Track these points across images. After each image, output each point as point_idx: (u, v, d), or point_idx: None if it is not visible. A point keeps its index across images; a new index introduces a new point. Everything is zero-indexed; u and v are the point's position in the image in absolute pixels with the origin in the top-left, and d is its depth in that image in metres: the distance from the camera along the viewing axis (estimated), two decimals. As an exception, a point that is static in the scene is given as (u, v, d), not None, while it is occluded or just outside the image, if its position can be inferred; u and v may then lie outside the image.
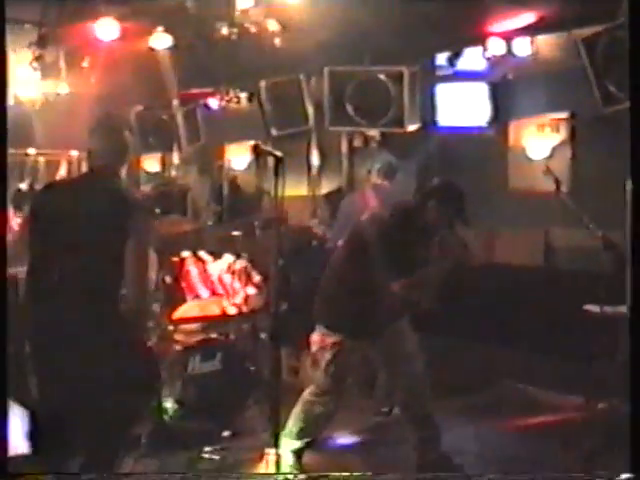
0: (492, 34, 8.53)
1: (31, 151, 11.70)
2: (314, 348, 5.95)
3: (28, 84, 9.56)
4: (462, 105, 9.58)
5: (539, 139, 9.27)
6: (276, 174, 4.63)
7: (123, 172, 5.04)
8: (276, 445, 5.09)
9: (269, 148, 4.80)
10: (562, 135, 9.10)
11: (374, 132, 9.85)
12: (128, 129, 5.38)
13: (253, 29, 7.71)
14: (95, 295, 4.71)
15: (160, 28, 8.22)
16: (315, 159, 10.72)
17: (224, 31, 7.76)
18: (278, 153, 4.66)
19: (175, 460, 6.26)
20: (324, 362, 5.85)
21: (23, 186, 11.12)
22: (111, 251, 4.70)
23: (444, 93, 9.57)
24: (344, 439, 6.82)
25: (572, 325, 7.43)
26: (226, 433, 6.66)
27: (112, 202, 4.81)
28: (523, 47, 8.65)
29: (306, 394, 5.99)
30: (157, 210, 7.53)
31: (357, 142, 10.52)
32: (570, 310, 7.26)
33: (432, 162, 9.37)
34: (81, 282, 4.71)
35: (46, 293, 4.80)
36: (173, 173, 12.28)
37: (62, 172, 12.15)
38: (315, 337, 5.95)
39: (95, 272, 4.70)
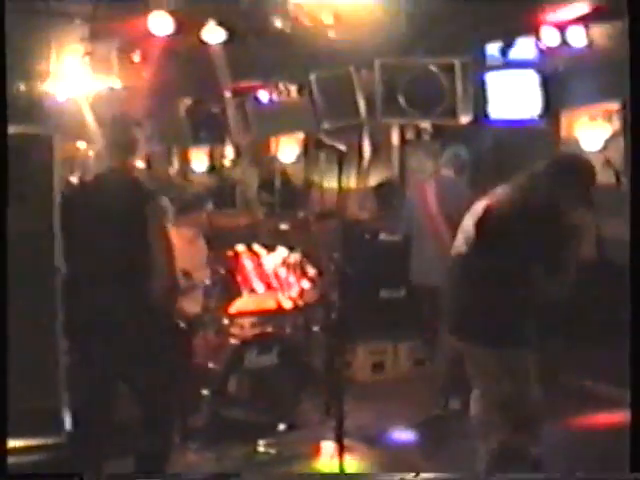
0: (546, 24, 8.44)
1: (81, 145, 11.75)
2: None
3: (79, 79, 9.61)
4: (513, 96, 9.48)
5: (592, 130, 9.16)
6: (340, 167, 4.62)
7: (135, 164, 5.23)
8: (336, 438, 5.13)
9: (331, 141, 4.77)
10: (615, 126, 8.98)
11: (426, 124, 9.79)
12: (137, 125, 5.52)
13: (307, 22, 7.69)
14: (125, 282, 4.82)
15: (213, 22, 8.21)
16: (366, 152, 10.68)
17: (278, 24, 7.75)
18: (341, 147, 4.66)
19: (231, 453, 6.31)
20: None
21: (73, 179, 11.18)
22: (135, 238, 4.82)
23: (495, 83, 9.47)
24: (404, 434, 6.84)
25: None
26: (282, 426, 6.68)
27: (129, 192, 5.02)
28: (577, 37, 8.54)
29: None
30: (209, 204, 7.57)
31: (409, 134, 10.48)
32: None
33: (485, 155, 9.28)
34: (113, 271, 4.87)
35: (81, 283, 4.89)
36: (223, 166, 12.32)
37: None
38: None
39: (124, 259, 4.82)
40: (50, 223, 3.34)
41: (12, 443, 3.06)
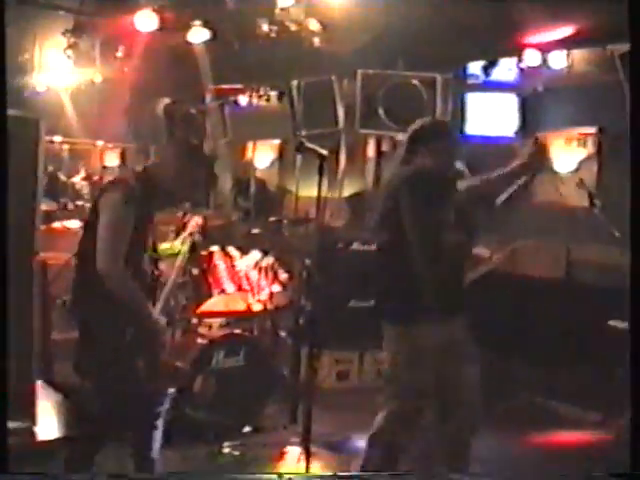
0: (528, 45, 8.52)
1: (57, 139, 11.71)
2: None
3: (60, 71, 9.58)
4: (491, 115, 9.56)
5: (566, 152, 9.25)
6: (320, 173, 4.61)
7: None
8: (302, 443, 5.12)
9: (314, 146, 4.76)
10: (589, 149, 9.08)
11: (402, 137, 9.81)
12: None
13: (293, 27, 7.72)
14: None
15: (198, 22, 8.22)
16: (342, 161, 10.70)
17: (264, 28, 7.76)
18: (323, 151, 4.65)
19: (195, 453, 6.29)
20: None
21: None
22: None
23: (474, 102, 9.55)
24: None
25: (595, 340, 7.42)
26: (247, 429, 6.69)
27: None
28: (558, 60, 8.64)
29: None
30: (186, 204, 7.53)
31: (385, 146, 10.52)
32: (594, 325, 7.26)
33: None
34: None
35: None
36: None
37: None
38: None
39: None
40: (32, 207, 3.31)
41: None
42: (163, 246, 6.49)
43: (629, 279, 4.52)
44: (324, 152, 4.64)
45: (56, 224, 9.74)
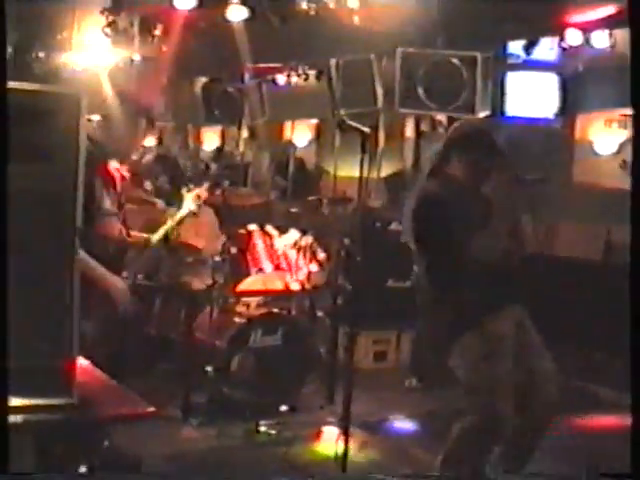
0: (570, 25, 8.40)
1: (94, 117, 11.71)
2: None
3: (99, 50, 9.60)
4: (531, 95, 9.45)
5: (606, 134, 9.16)
6: (363, 150, 4.56)
7: None
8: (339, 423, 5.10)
9: (355, 124, 4.71)
10: (630, 131, 8.97)
11: (442, 116, 9.76)
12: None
13: (332, 5, 7.66)
14: None
15: (237, 0, 8.19)
16: (380, 141, 10.64)
17: (303, 6, 7.72)
18: (365, 129, 4.60)
19: (232, 431, 6.31)
20: None
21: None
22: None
23: (514, 82, 9.44)
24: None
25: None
26: (284, 408, 6.69)
27: None
28: (600, 39, 8.51)
29: None
30: (226, 182, 7.55)
31: (424, 126, 10.46)
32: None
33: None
34: None
35: None
36: (237, 147, 12.30)
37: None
38: None
39: None
40: (75, 183, 3.29)
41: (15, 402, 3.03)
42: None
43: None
44: (366, 130, 4.58)
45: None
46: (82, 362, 3.56)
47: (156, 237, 6.67)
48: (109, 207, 6.05)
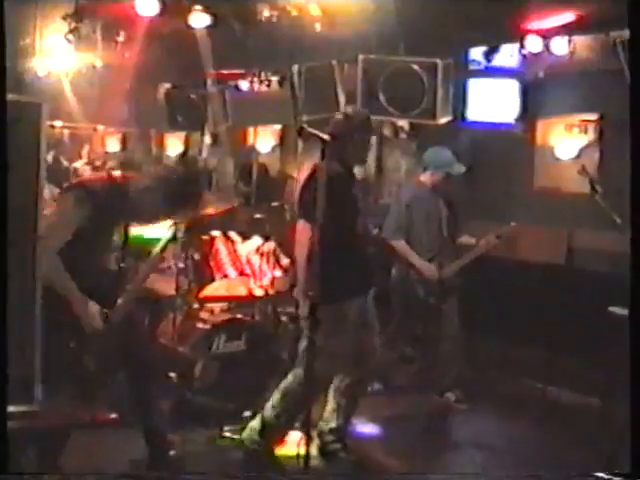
0: (530, 31, 8.49)
1: (57, 123, 11.69)
2: None
3: (61, 56, 9.58)
4: (492, 101, 9.54)
5: (567, 139, 9.25)
6: (323, 157, 4.59)
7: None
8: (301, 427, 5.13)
9: (315, 130, 4.73)
10: (590, 136, 9.07)
11: (404, 122, 9.82)
12: None
13: (294, 12, 7.70)
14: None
15: (199, 6, 8.21)
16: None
17: (265, 13, 7.75)
18: (325, 136, 4.61)
19: (195, 437, 6.30)
20: None
21: (49, 159, 11.14)
22: None
23: (475, 88, 9.53)
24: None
25: (593, 326, 7.41)
26: (247, 413, 6.70)
27: None
28: (560, 46, 8.61)
29: None
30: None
31: (387, 132, 10.50)
32: (593, 311, 7.25)
33: (460, 157, 9.35)
34: None
35: None
36: (199, 153, 12.30)
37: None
38: None
39: None
40: (36, 192, 3.31)
41: None
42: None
43: (630, 265, 4.50)
44: (325, 137, 4.61)
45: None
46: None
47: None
48: None
